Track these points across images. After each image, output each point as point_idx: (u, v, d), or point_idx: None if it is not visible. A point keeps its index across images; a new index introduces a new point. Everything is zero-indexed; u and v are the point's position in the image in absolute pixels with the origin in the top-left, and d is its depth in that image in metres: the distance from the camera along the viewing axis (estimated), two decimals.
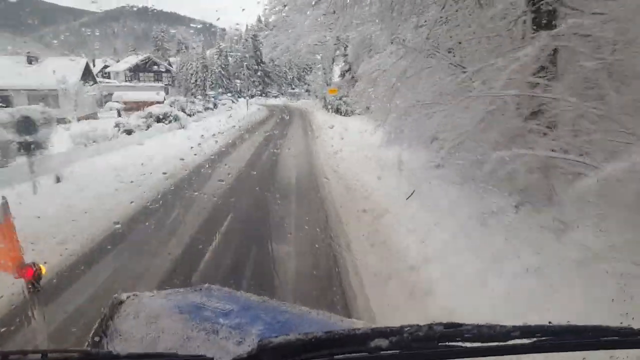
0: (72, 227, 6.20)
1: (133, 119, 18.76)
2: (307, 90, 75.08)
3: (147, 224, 6.89)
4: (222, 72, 75.12)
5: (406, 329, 0.80)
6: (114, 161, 11.21)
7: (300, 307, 1.43)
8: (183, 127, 20.51)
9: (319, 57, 49.39)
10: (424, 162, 8.02)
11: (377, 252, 5.52)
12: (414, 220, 6.16)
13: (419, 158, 8.42)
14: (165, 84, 61.12)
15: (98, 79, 55.54)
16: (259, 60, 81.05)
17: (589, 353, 0.83)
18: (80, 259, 5.40)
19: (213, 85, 73.03)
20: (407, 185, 7.61)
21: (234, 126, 22.14)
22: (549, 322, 0.87)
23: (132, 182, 9.15)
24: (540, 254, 3.90)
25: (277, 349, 0.82)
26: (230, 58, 77.74)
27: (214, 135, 17.43)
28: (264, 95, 72.55)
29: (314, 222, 6.96)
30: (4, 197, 1.73)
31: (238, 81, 77.52)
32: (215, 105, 33.70)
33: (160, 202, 8.16)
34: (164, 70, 60.82)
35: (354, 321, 1.54)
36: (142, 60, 58.55)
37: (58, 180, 9.23)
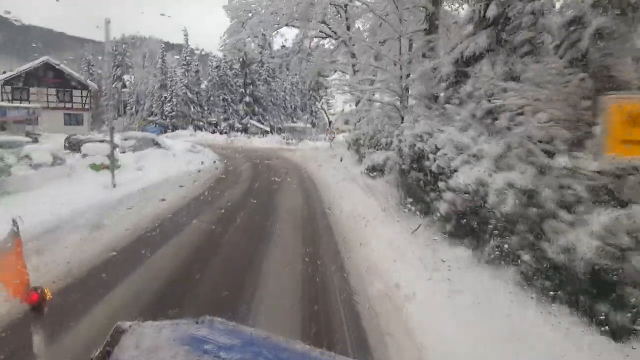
0: None
1: None
2: (313, 124, 50.27)
3: None
4: (189, 96, 51.23)
5: None
6: None
7: (304, 345, 1.30)
8: None
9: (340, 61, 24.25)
10: None
11: None
12: None
13: None
14: (75, 109, 36.48)
15: None
16: (247, 82, 57.47)
17: None
18: None
19: (152, 113, 49.04)
20: None
21: None
22: None
23: None
24: None
25: None
26: (203, 78, 54.02)
27: None
28: (244, 132, 47.55)
29: None
30: (14, 220, 1.50)
31: (217, 109, 53.60)
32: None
33: None
34: (76, 84, 36.37)
35: None
36: (32, 68, 34.15)
37: None
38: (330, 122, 35.36)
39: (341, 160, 17.16)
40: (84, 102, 36.97)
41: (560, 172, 4.01)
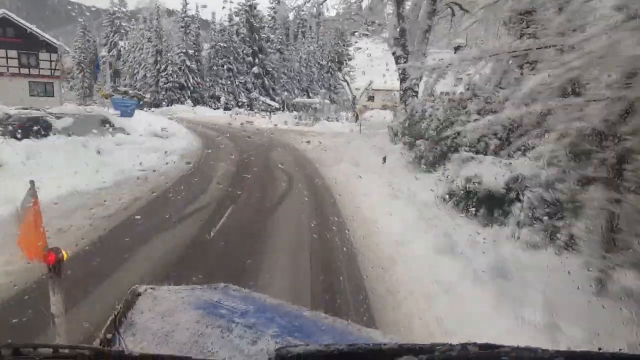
0: None
1: None
2: (332, 100, 42.35)
3: None
4: (188, 64, 44.01)
5: (437, 348, 0.75)
6: None
7: (317, 312, 1.32)
8: None
9: None
10: None
11: None
12: None
13: None
14: (42, 76, 29.78)
15: None
16: (256, 50, 49.88)
17: None
18: None
19: (147, 84, 42.16)
20: None
21: None
22: (599, 349, 0.77)
23: None
24: None
25: (296, 359, 0.78)
26: (206, 44, 46.50)
27: None
28: (249, 109, 40.13)
29: None
30: (32, 182, 1.64)
31: (221, 81, 46.35)
32: None
33: None
34: (43, 46, 29.55)
35: (371, 330, 1.29)
36: None
37: None
38: (354, 98, 28.05)
39: (384, 162, 10.11)
40: (53, 67, 30.25)
41: None
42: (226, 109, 41.81)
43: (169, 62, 43.27)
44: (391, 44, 15.81)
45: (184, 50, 43.83)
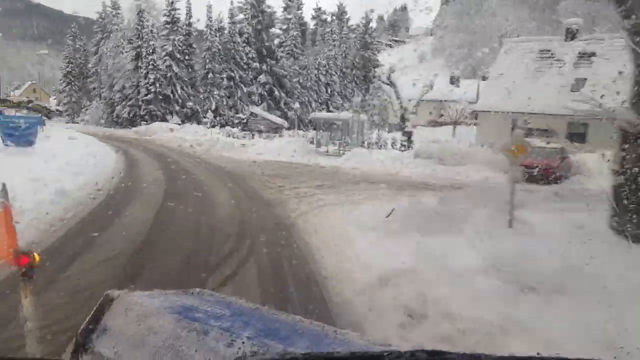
0: None
1: None
2: (372, 117, 31.19)
3: None
4: (175, 71, 34.26)
5: (386, 354, 0.79)
6: None
7: (292, 315, 1.33)
8: None
9: None
10: None
11: None
12: None
13: None
14: None
15: None
16: (265, 53, 40.15)
17: None
18: None
19: (125, 97, 32.21)
20: None
21: None
22: (537, 353, 0.84)
23: None
24: None
25: None
26: (196, 45, 36.62)
27: None
28: (243, 129, 29.34)
29: None
30: (3, 184, 1.66)
31: (219, 93, 36.38)
32: None
33: None
34: None
35: (347, 332, 1.26)
36: None
37: None
38: (404, 111, 17.59)
39: None
40: None
41: None
42: (223, 126, 31.92)
43: (150, 67, 33.62)
44: None
45: (170, 53, 34.16)
